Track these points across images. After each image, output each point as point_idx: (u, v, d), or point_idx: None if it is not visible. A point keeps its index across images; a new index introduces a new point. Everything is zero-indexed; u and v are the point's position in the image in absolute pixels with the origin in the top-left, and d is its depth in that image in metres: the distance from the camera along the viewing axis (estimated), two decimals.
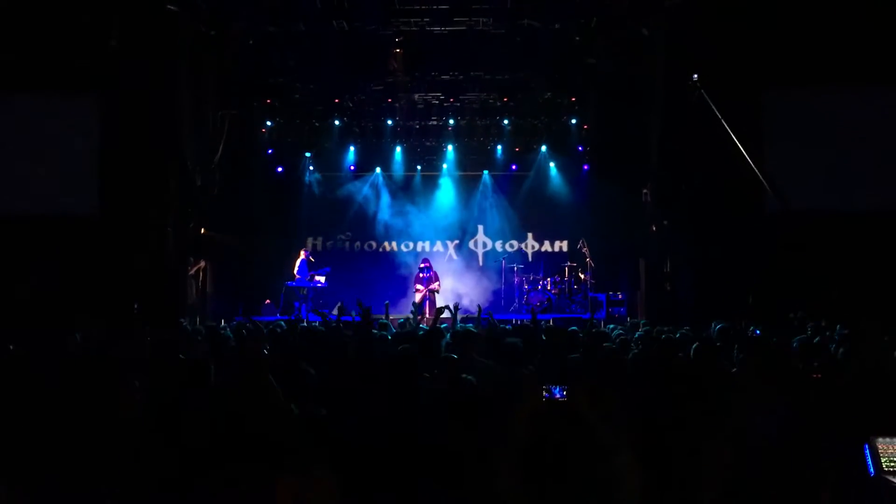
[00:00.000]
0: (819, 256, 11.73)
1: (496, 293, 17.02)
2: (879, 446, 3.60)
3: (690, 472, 2.64)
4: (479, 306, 10.28)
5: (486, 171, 17.84)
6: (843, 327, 7.08)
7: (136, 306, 11.07)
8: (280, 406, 3.62)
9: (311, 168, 17.42)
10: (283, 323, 8.84)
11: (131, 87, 12.67)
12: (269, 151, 16.71)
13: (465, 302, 15.29)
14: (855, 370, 4.49)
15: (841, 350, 5.54)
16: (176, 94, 13.00)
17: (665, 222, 14.22)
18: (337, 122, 16.23)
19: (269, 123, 16.06)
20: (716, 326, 7.82)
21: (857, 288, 10.91)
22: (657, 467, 2.68)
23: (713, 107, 11.18)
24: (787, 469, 2.68)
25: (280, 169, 17.20)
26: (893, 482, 3.36)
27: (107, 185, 13.25)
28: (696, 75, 11.65)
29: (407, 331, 7.64)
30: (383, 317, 10.31)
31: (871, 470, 3.52)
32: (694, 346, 5.29)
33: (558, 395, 2.84)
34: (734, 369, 4.84)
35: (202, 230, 14.51)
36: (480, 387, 3.99)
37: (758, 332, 7.56)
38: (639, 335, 7.19)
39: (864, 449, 3.58)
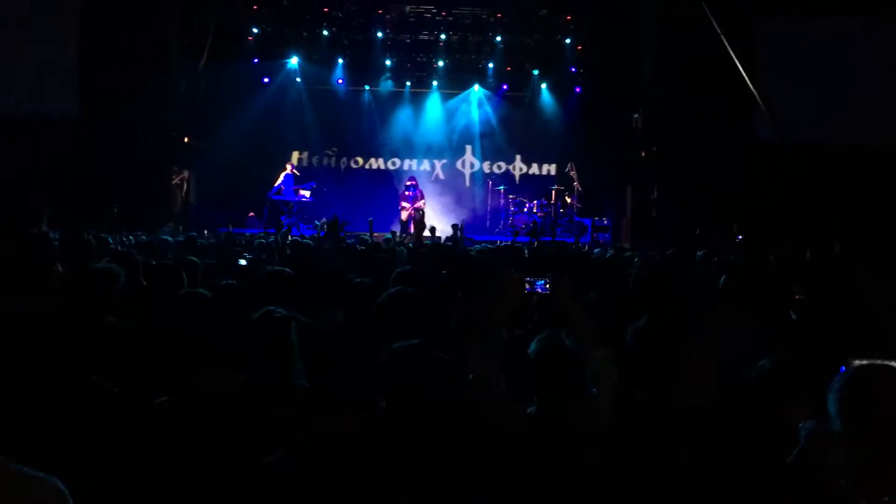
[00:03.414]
0: (810, 187, 11.73)
1: (482, 214, 16.97)
2: None
3: (667, 378, 2.65)
4: (454, 225, 10.36)
5: (476, 89, 17.47)
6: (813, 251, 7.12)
7: (115, 210, 10.93)
8: None
9: (298, 80, 16.97)
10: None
11: None
12: (255, 61, 16.26)
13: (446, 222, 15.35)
14: (834, 293, 4.51)
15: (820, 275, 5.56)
16: None
17: (654, 149, 14.15)
18: (325, 33, 15.73)
19: (255, 31, 15.56)
20: (699, 253, 7.86)
21: (847, 220, 10.95)
22: (632, 369, 2.70)
23: (714, 22, 10.94)
24: (763, 387, 2.70)
25: (266, 80, 16.77)
26: None
27: (88, 88, 12.95)
28: None
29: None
30: (367, 233, 10.31)
31: None
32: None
33: (540, 289, 2.85)
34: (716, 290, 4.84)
35: (185, 139, 14.29)
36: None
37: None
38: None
39: (840, 371, 3.62)
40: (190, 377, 2.65)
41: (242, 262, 6.55)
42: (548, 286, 2.83)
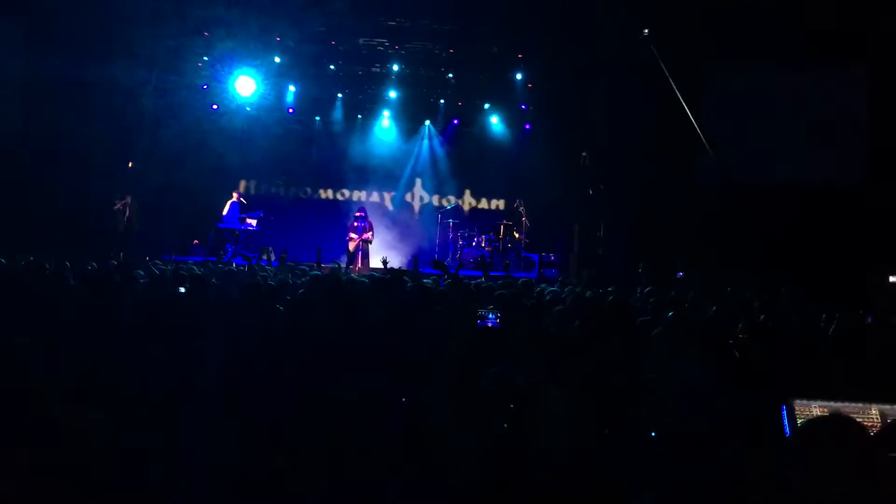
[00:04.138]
0: (751, 227, 12.05)
1: (430, 247, 16.96)
2: (797, 408, 3.69)
3: (621, 413, 2.64)
4: (414, 255, 10.38)
5: (427, 123, 17.63)
6: (764, 293, 7.29)
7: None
8: None
9: (248, 108, 16.78)
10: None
11: None
12: (204, 87, 16.07)
13: (399, 255, 15.28)
14: (778, 333, 4.60)
15: (762, 315, 5.68)
16: None
17: (601, 186, 14.38)
18: (277, 60, 15.61)
19: (205, 58, 15.39)
20: (644, 289, 7.96)
21: (782, 258, 11.25)
22: (586, 407, 2.69)
23: (661, 64, 11.24)
24: (711, 423, 2.71)
25: (215, 106, 16.56)
26: None
27: (30, 112, 12.61)
28: (646, 30, 11.68)
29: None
30: (315, 264, 10.19)
31: (787, 430, 3.62)
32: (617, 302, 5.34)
33: (491, 323, 2.83)
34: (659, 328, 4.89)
35: (129, 164, 14.00)
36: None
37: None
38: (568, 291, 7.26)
39: (781, 410, 3.67)
40: None
41: (182, 289, 6.42)
42: (499, 320, 2.81)
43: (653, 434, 2.71)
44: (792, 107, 13.23)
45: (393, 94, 16.77)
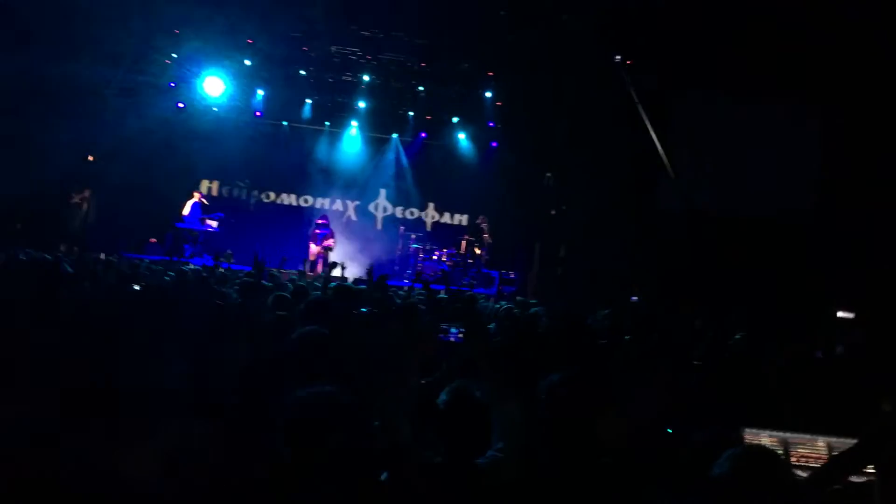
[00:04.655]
0: (706, 254, 12.30)
1: (390, 259, 16.94)
2: (746, 437, 3.78)
3: (578, 434, 2.67)
4: (370, 265, 10.29)
5: (395, 135, 17.67)
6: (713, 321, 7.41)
7: (18, 225, 10.38)
8: None
9: (215, 108, 16.61)
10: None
11: None
12: (171, 85, 15.87)
13: (359, 265, 15.20)
14: (728, 361, 4.70)
15: (715, 343, 5.78)
16: None
17: (564, 208, 14.55)
18: (248, 62, 15.48)
19: (174, 55, 15.20)
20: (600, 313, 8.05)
21: (736, 287, 11.49)
22: (543, 424, 2.71)
23: (630, 89, 11.45)
24: (664, 449, 2.76)
25: (181, 105, 16.37)
26: None
27: None
28: (618, 56, 11.88)
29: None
30: (276, 270, 10.12)
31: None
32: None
33: (454, 338, 2.83)
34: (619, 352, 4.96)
35: (89, 157, 13.76)
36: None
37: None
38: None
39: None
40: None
41: (137, 287, 6.36)
42: (461, 335, 2.83)
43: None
44: (749, 138, 13.56)
45: (362, 104, 16.76)
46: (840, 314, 11.87)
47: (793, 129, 13.61)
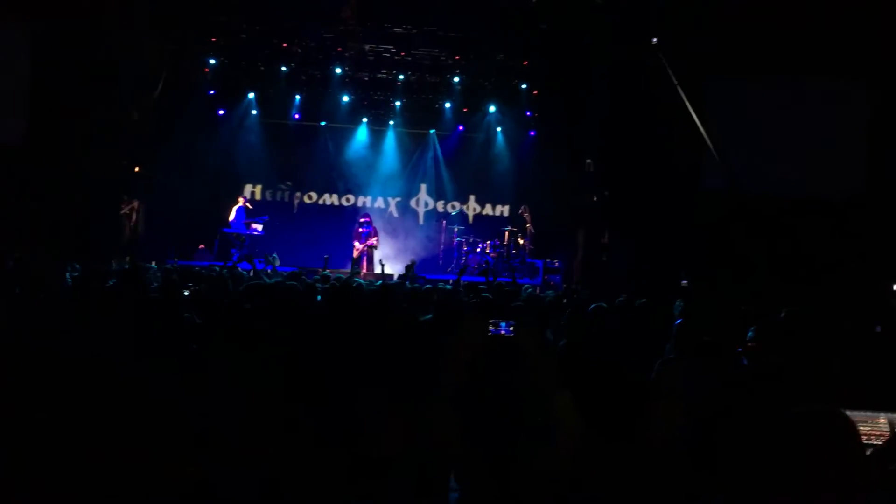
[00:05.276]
0: (751, 237, 12.05)
1: (434, 253, 16.99)
2: None
3: (632, 421, 2.66)
4: (412, 260, 10.45)
5: (432, 131, 17.69)
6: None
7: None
8: None
9: (254, 113, 16.91)
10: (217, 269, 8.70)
11: (66, 16, 12.11)
12: (211, 92, 16.15)
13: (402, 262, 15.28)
14: (788, 341, 4.62)
15: (771, 323, 5.68)
16: (114, 26, 12.46)
17: (605, 193, 14.39)
18: (284, 68, 15.72)
19: (212, 62, 15.45)
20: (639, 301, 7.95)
21: (787, 267, 11.26)
22: (596, 417, 2.70)
23: (669, 71, 11.26)
24: (724, 435, 2.73)
25: (222, 112, 16.67)
26: None
27: (37, 115, 12.68)
28: (655, 39, 11.70)
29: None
30: (321, 270, 10.24)
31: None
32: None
33: (505, 331, 2.84)
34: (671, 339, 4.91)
35: (136, 168, 14.05)
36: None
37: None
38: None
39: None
40: None
41: (186, 292, 6.52)
42: (512, 329, 2.83)
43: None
44: (791, 117, 13.25)
45: (398, 101, 16.83)
46: None
47: (837, 107, 13.26)
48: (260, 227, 15.19)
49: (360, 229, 15.66)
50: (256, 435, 2.77)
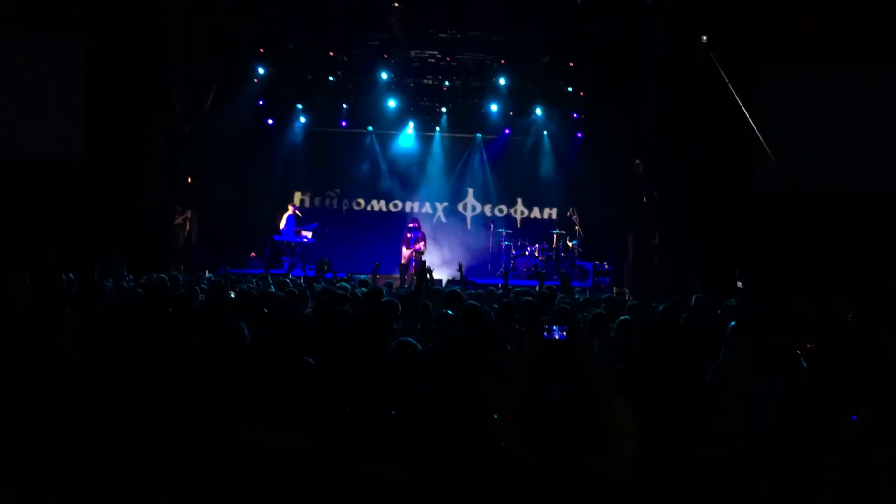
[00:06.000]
0: (807, 237, 11.75)
1: (482, 258, 16.96)
2: None
3: (689, 431, 2.61)
4: (459, 264, 10.45)
5: (478, 135, 17.67)
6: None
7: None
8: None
9: (302, 121, 17.16)
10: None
11: (120, 30, 12.46)
12: (260, 102, 16.42)
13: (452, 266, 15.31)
14: (849, 344, 4.49)
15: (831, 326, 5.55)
16: (166, 40, 12.78)
17: (655, 195, 14.20)
18: (331, 78, 15.94)
19: (260, 72, 15.71)
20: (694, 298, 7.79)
21: (843, 268, 10.94)
22: (653, 421, 2.66)
23: (721, 70, 11.07)
24: (791, 435, 2.66)
25: (270, 121, 16.95)
26: None
27: (92, 128, 13.06)
28: (704, 37, 11.52)
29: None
30: (370, 276, 10.29)
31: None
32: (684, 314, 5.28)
33: (558, 336, 2.82)
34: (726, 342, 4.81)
35: (189, 179, 14.36)
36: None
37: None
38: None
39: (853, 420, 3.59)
40: None
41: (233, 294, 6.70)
42: (565, 333, 2.81)
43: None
44: (842, 113, 12.93)
45: (444, 106, 16.89)
46: None
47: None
48: (309, 235, 15.38)
49: (409, 234, 15.72)
50: None
